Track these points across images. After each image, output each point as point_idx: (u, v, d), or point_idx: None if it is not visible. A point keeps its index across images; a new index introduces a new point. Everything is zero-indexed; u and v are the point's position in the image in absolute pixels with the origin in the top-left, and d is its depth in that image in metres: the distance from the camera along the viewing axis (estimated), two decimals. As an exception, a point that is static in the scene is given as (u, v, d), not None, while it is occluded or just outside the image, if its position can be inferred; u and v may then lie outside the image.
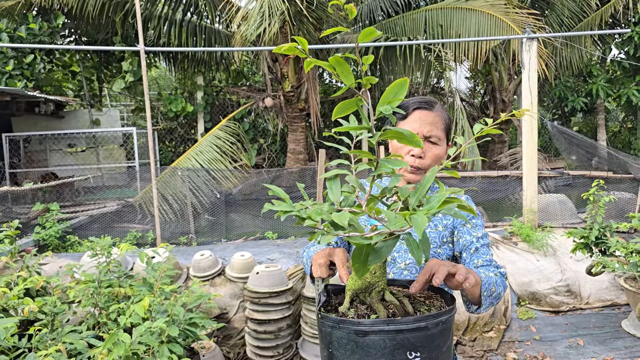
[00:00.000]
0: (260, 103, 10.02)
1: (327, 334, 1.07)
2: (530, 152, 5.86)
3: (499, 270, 1.54)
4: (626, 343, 4.09)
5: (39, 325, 2.50)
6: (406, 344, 1.01)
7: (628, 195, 6.90)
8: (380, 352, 1.00)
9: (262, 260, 4.86)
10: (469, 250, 1.63)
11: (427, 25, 9.06)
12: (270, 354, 3.94)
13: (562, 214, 6.41)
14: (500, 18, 8.03)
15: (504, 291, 1.48)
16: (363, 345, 1.01)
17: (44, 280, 2.96)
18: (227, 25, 10.59)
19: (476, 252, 1.62)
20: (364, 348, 1.01)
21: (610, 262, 3.92)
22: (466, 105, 12.71)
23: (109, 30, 10.34)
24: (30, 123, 10.89)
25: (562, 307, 4.72)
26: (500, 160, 10.61)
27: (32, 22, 8.86)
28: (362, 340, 1.01)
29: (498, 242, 5.41)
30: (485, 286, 1.39)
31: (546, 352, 4.02)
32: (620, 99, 10.74)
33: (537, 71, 5.84)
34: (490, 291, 1.41)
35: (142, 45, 5.43)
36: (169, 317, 2.49)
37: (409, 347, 1.01)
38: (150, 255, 3.01)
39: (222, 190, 7.76)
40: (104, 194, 9.02)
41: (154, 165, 5.71)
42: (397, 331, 1.00)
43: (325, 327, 1.07)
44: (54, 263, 4.54)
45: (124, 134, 11.48)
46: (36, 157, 10.90)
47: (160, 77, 16.73)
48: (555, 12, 10.43)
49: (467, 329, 4.41)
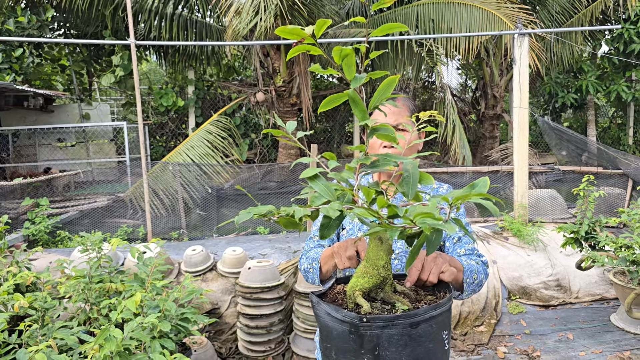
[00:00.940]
0: (251, 98, 9.98)
1: (373, 336, 1.01)
2: (521, 148, 5.89)
3: (480, 259, 1.63)
4: (615, 337, 4.13)
5: (29, 321, 2.48)
6: (442, 325, 1.08)
7: (617, 190, 6.97)
8: (428, 338, 1.04)
9: (254, 256, 4.85)
10: (452, 240, 1.71)
11: (418, 20, 9.05)
12: (262, 348, 3.95)
13: (553, 209, 6.46)
14: (492, 12, 8.04)
15: (485, 278, 1.57)
16: (415, 336, 1.03)
17: (34, 275, 2.93)
18: (217, 17, 10.52)
19: (459, 241, 1.70)
20: (415, 339, 1.03)
21: (600, 257, 3.95)
22: (457, 101, 12.75)
23: (98, 23, 10.23)
24: (19, 117, 10.78)
25: (552, 301, 4.76)
26: (492, 155, 10.65)
27: (21, 15, 8.75)
28: (415, 331, 1.03)
29: (489, 237, 5.44)
30: (467, 273, 1.47)
31: (536, 346, 4.06)
32: (610, 95, 10.82)
33: (528, 66, 5.86)
34: (472, 278, 1.49)
35: (133, 39, 5.38)
36: (160, 312, 2.48)
37: (443, 327, 1.08)
38: (142, 250, 2.99)
39: (214, 185, 7.74)
40: (95, 189, 8.97)
41: (145, 160, 5.68)
42: (440, 314, 1.06)
43: (372, 330, 1.01)
44: (44, 258, 4.51)
45: (114, 128, 11.40)
46: (25, 152, 10.79)
47: (150, 72, 16.61)
48: (546, 8, 10.47)
49: (458, 323, 4.44)
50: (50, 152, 11.05)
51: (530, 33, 6.01)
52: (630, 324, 4.21)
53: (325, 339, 1.11)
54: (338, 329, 1.05)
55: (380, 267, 1.12)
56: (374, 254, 1.12)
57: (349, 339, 1.03)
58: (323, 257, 1.56)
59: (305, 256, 1.72)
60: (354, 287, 1.12)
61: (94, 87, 13.55)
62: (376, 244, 1.12)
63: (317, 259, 1.59)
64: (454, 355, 4.01)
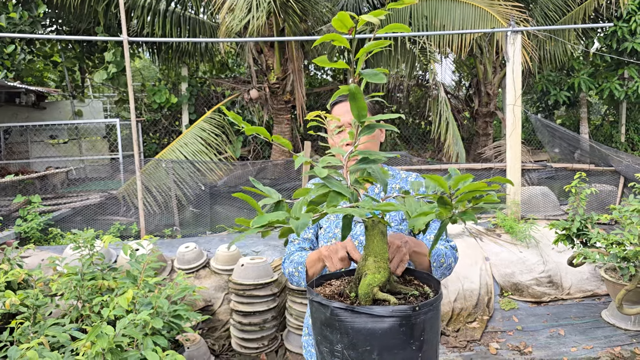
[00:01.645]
0: (245, 95, 9.96)
1: (421, 323, 1.07)
2: (513, 145, 5.91)
3: (449, 243, 1.70)
4: (605, 332, 4.16)
5: (21, 318, 2.48)
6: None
7: (609, 187, 7.01)
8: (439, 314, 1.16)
9: (247, 253, 4.85)
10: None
11: (412, 17, 9.06)
12: (255, 345, 3.95)
13: (545, 206, 6.49)
14: (485, 10, 8.06)
15: (455, 262, 1.65)
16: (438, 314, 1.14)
17: (26, 273, 2.92)
18: (211, 13, 10.48)
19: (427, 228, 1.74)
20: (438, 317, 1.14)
21: (591, 254, 3.97)
22: (451, 98, 12.77)
23: (91, 20, 10.18)
24: (11, 114, 10.71)
25: (544, 297, 4.79)
26: (485, 152, 10.69)
27: (13, 11, 8.68)
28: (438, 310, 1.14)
29: (482, 234, 5.47)
30: (434, 257, 1.55)
31: (528, 342, 4.08)
32: (602, 93, 10.88)
33: (521, 64, 5.88)
34: (439, 262, 1.57)
35: (126, 35, 5.35)
36: (153, 309, 2.48)
37: None
38: (134, 247, 2.99)
39: (207, 182, 7.72)
40: (87, 186, 8.93)
41: (138, 157, 5.66)
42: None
43: (420, 317, 1.06)
44: (35, 256, 4.49)
45: (107, 125, 11.35)
46: (17, 149, 10.73)
47: (144, 68, 16.54)
48: (539, 6, 10.50)
49: (451, 319, 4.46)
50: (42, 149, 10.99)
51: (523, 30, 6.03)
52: (621, 320, 4.24)
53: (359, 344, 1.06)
54: (384, 327, 1.04)
55: (387, 260, 1.16)
56: (380, 247, 1.14)
57: (398, 333, 1.05)
58: (309, 261, 1.61)
59: (289, 260, 1.76)
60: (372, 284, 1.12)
61: (87, 84, 13.48)
62: (380, 238, 1.14)
63: (303, 263, 1.64)
64: (446, 351, 4.03)
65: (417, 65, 10.36)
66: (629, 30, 9.95)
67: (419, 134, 13.17)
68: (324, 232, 1.79)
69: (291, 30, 8.39)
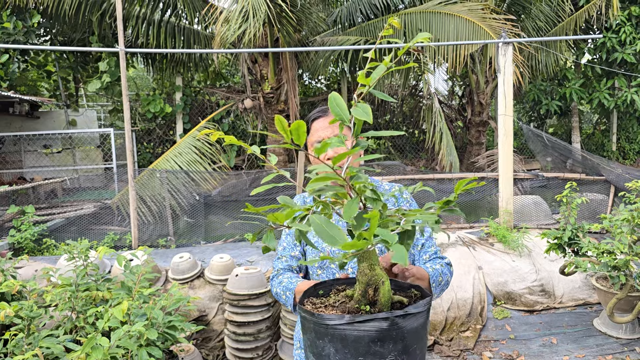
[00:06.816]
0: (239, 104, 10.00)
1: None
2: (505, 154, 5.96)
3: (444, 260, 1.75)
4: (597, 341, 4.20)
5: (15, 329, 2.48)
6: None
7: (600, 196, 7.08)
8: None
9: (241, 263, 4.86)
10: (416, 247, 1.81)
11: (406, 29, 9.15)
12: (249, 355, 3.95)
13: (537, 215, 6.54)
14: (477, 24, 8.15)
15: (451, 276, 1.71)
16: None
17: (20, 284, 2.92)
18: (205, 27, 10.54)
19: (422, 248, 1.80)
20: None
21: (583, 262, 4.02)
22: (444, 107, 12.87)
23: (85, 29, 10.20)
24: (4, 124, 10.68)
25: (537, 306, 4.83)
26: (478, 161, 10.76)
27: (7, 21, 8.70)
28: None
29: (475, 243, 5.50)
30: (433, 278, 1.59)
31: (521, 350, 4.11)
32: (593, 103, 11.00)
33: (512, 75, 5.95)
34: (438, 281, 1.62)
35: (122, 46, 5.37)
36: (147, 320, 2.49)
37: None
38: (129, 258, 3.00)
39: (201, 192, 7.73)
40: (81, 196, 8.90)
41: (132, 167, 5.66)
42: None
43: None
44: (29, 267, 4.48)
45: (101, 135, 11.34)
46: (10, 159, 10.69)
47: (138, 77, 16.55)
48: (530, 17, 10.62)
49: (444, 328, 4.48)
50: (36, 158, 10.96)
51: (514, 42, 6.11)
52: (612, 328, 4.28)
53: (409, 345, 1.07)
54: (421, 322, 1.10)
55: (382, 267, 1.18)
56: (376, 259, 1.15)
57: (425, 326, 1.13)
58: (298, 291, 1.64)
59: (277, 280, 1.77)
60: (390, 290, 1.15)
61: (81, 94, 13.47)
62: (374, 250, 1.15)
63: (292, 290, 1.67)
64: (440, 360, 4.05)
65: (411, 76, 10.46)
66: (618, 41, 10.09)
67: (412, 143, 13.25)
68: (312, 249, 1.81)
69: (285, 40, 8.44)
